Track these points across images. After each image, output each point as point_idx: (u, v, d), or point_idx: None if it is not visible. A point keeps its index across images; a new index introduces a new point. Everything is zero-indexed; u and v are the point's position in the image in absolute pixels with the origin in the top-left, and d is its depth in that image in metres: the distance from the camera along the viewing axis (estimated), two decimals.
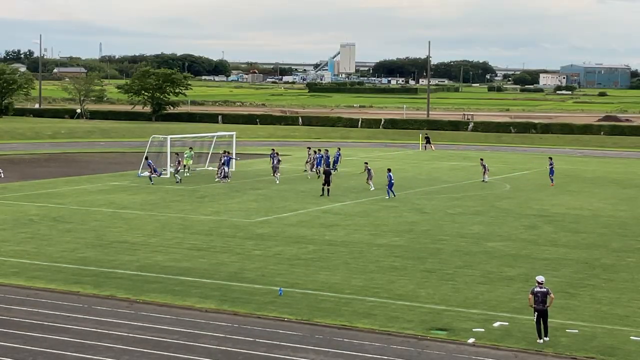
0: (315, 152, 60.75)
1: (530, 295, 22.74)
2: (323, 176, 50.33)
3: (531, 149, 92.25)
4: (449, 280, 28.90)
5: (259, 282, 28.15)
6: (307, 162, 61.11)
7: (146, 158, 55.85)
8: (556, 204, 48.00)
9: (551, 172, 57.19)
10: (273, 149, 61.98)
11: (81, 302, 25.62)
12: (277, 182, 54.91)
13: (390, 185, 49.04)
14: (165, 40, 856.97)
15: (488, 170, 58.88)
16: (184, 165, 59.01)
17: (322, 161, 59.46)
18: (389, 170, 50.14)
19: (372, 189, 51.79)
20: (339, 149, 65.77)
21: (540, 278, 22.90)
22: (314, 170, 59.07)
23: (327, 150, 62.32)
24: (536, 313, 22.43)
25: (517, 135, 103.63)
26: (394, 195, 48.68)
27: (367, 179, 52.68)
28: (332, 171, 52.69)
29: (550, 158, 59.30)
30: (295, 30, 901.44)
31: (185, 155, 59.41)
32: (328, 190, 49.24)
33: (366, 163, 54.67)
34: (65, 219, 39.92)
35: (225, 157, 57.45)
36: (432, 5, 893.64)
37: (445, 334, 22.89)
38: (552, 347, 21.93)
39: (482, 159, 60.49)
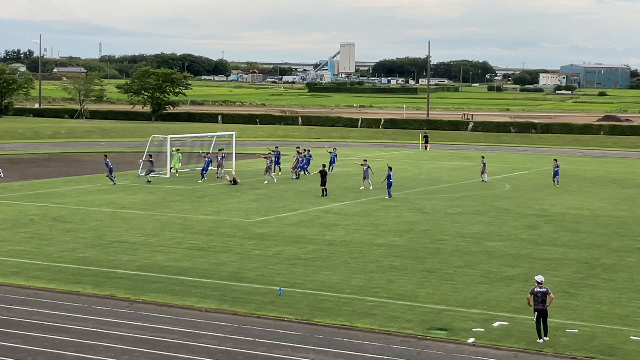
0: (300, 152, 60.04)
1: (530, 295, 22.75)
2: (320, 177, 50.09)
3: (531, 149, 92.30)
4: (449, 280, 28.91)
5: (259, 282, 28.15)
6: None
7: (105, 156, 54.66)
8: (556, 204, 48.00)
9: (556, 174, 56.77)
10: (277, 147, 61.70)
11: (81, 302, 25.62)
12: (275, 181, 54.71)
13: (389, 184, 48.90)
14: (165, 40, 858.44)
15: (487, 169, 58.81)
16: (172, 168, 58.52)
17: (304, 162, 59.05)
18: (390, 169, 49.91)
19: (371, 188, 51.76)
20: (335, 149, 65.09)
21: (540, 278, 22.90)
22: (295, 171, 58.32)
23: (309, 151, 62.21)
24: (536, 313, 22.44)
25: (517, 135, 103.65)
26: (390, 197, 48.49)
27: (364, 178, 52.47)
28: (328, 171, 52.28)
29: (556, 160, 58.81)
30: (295, 30, 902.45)
31: (174, 157, 58.74)
32: (326, 190, 49.18)
33: (365, 161, 54.37)
34: (65, 219, 39.92)
35: (208, 159, 56.74)
36: (432, 5, 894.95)
37: (445, 334, 22.89)
38: (552, 347, 21.93)
39: (483, 157, 60.46)
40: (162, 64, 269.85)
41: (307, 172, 59.19)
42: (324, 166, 51.34)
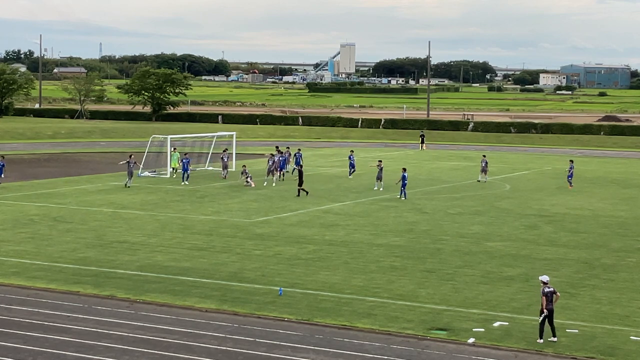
0: (281, 152, 58.70)
1: (543, 297, 22.39)
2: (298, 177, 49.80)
3: (531, 149, 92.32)
4: (449, 280, 28.91)
5: (259, 282, 28.15)
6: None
7: (2, 157, 52.25)
8: (556, 204, 48.01)
9: (570, 175, 56.42)
10: (279, 147, 61.28)
11: (81, 302, 25.62)
12: (273, 184, 54.30)
13: (404, 185, 48.74)
14: (165, 40, 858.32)
15: (487, 169, 58.68)
16: (173, 168, 58.36)
17: (286, 162, 58.56)
18: (404, 169, 49.66)
19: (375, 188, 51.78)
20: (352, 151, 63.01)
21: (545, 278, 22.71)
22: (278, 173, 56.40)
23: (287, 149, 61.90)
24: (546, 312, 22.18)
25: (517, 135, 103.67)
26: (405, 197, 48.30)
27: (377, 179, 52.30)
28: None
29: (571, 161, 58.33)
30: (295, 30, 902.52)
31: (172, 157, 58.44)
32: (302, 190, 48.86)
33: (380, 161, 54.01)
34: (65, 219, 39.92)
35: (185, 159, 55.33)
36: (432, 5, 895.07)
37: (445, 334, 22.89)
38: (552, 347, 21.93)
39: (484, 156, 60.37)
40: (162, 64, 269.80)
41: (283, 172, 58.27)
42: (301, 166, 50.85)
